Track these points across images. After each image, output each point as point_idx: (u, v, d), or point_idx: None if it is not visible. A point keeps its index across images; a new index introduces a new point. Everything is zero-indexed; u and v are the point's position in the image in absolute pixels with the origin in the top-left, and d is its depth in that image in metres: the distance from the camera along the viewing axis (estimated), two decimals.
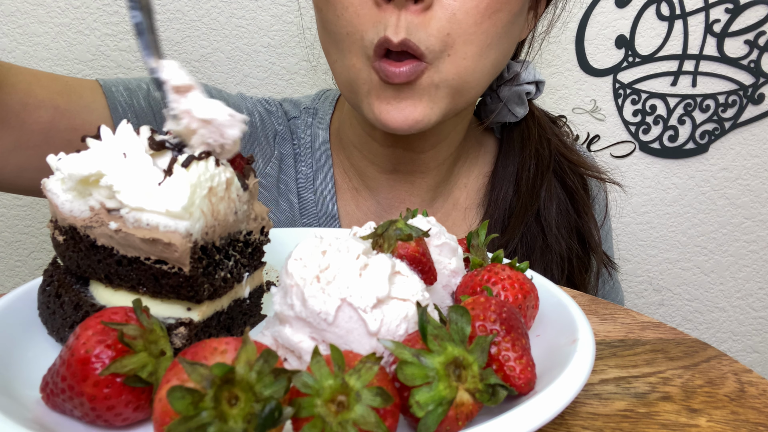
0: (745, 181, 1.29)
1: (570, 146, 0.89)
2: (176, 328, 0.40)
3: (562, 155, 0.86)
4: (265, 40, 1.10)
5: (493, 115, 0.85)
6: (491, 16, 0.65)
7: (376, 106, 0.68)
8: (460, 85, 0.67)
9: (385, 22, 0.63)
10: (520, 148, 0.86)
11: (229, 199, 0.41)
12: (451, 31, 0.64)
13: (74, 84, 0.71)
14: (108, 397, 0.32)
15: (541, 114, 0.90)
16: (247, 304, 0.48)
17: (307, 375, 0.30)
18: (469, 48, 0.65)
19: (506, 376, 0.35)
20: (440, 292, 0.46)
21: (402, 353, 0.32)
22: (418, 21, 0.63)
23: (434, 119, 0.68)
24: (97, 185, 0.39)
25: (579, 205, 0.85)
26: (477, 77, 0.68)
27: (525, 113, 0.85)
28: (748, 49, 1.20)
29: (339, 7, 0.66)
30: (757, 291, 1.37)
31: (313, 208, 0.85)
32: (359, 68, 0.67)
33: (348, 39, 0.67)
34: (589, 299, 0.57)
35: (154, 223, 0.37)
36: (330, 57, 0.72)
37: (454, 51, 0.65)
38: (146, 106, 0.75)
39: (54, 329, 0.43)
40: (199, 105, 0.40)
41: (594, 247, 0.85)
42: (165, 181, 0.38)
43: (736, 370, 0.45)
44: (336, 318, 0.35)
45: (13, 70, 0.65)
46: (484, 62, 0.68)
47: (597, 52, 1.19)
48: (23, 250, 1.14)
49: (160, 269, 0.39)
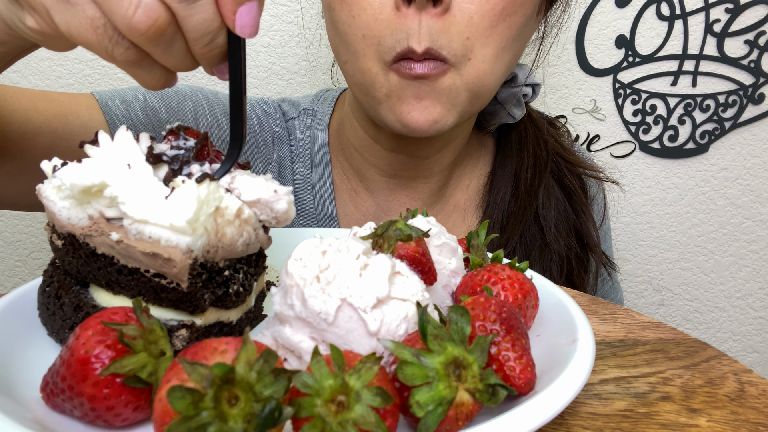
0: (745, 181, 1.29)
1: (567, 147, 0.89)
2: (178, 329, 0.40)
3: (560, 156, 0.86)
4: (265, 40, 1.10)
5: (494, 120, 0.85)
6: (506, 19, 0.65)
7: (398, 107, 0.67)
8: (478, 89, 0.68)
9: (406, 29, 0.63)
10: (518, 149, 0.86)
11: (242, 227, 0.41)
12: (470, 34, 0.64)
13: (70, 103, 0.70)
14: (108, 398, 0.32)
15: (538, 116, 0.90)
16: (253, 311, 0.48)
17: (307, 375, 0.30)
18: (487, 51, 0.66)
19: (506, 376, 0.35)
20: (440, 292, 0.46)
21: (402, 353, 0.32)
22: (439, 26, 0.63)
23: (451, 121, 0.68)
24: (99, 195, 0.38)
25: (577, 205, 0.85)
26: (493, 80, 0.69)
27: (522, 115, 0.85)
28: (748, 49, 1.20)
29: (356, 8, 0.65)
30: (757, 291, 1.37)
31: (312, 209, 0.84)
32: (375, 72, 0.67)
33: (363, 42, 0.66)
34: (589, 299, 0.57)
35: (156, 236, 0.37)
36: (340, 57, 0.72)
37: (474, 54, 0.65)
38: (143, 117, 0.75)
39: (54, 330, 0.43)
40: (246, 186, 0.41)
41: (592, 247, 0.85)
42: (172, 194, 0.37)
43: (736, 370, 0.45)
44: (336, 318, 0.35)
45: (8, 96, 0.64)
46: (500, 65, 0.68)
47: (597, 52, 1.19)
48: (23, 250, 1.14)
49: (159, 283, 0.39)
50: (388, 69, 0.66)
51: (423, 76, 0.64)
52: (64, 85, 1.05)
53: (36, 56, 1.04)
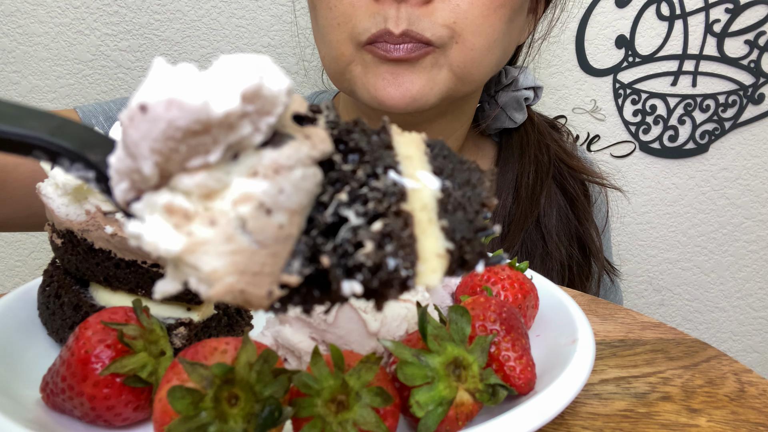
0: (745, 181, 1.29)
1: (570, 152, 0.88)
2: (176, 328, 0.40)
3: (562, 161, 0.85)
4: (265, 40, 1.10)
5: (489, 119, 0.84)
6: (496, 10, 0.64)
7: (372, 83, 0.65)
8: (463, 73, 0.66)
9: (384, 14, 0.62)
10: (519, 154, 0.84)
11: None
12: (457, 20, 0.63)
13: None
14: (108, 397, 0.32)
15: (540, 120, 0.88)
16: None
17: (307, 375, 0.30)
18: (478, 40, 0.64)
19: (506, 376, 0.35)
20: (440, 292, 0.46)
21: (402, 353, 0.32)
22: (420, 12, 0.62)
23: (432, 99, 0.66)
24: (92, 191, 0.38)
25: (580, 212, 0.84)
26: (481, 71, 0.68)
27: (524, 119, 0.84)
28: (748, 49, 1.20)
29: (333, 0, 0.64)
30: (757, 291, 1.37)
31: None
32: (348, 55, 0.65)
33: (338, 29, 0.64)
34: (589, 299, 0.57)
35: None
36: (321, 52, 0.71)
37: (462, 40, 0.64)
38: None
39: (54, 330, 0.43)
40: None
41: (595, 254, 0.84)
42: None
43: (736, 370, 0.45)
44: (336, 318, 0.35)
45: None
46: (490, 57, 0.67)
47: (597, 52, 1.19)
48: (23, 250, 1.14)
49: (157, 272, 0.39)
50: (362, 50, 0.64)
51: (400, 60, 0.62)
52: (64, 84, 1.05)
53: (36, 56, 1.04)
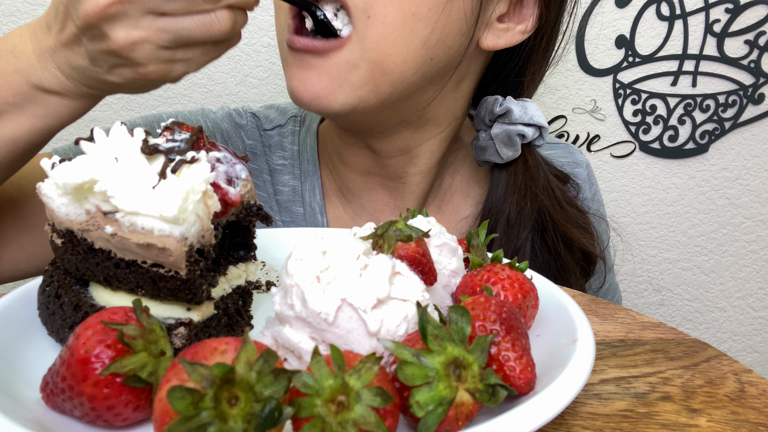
0: (745, 181, 1.29)
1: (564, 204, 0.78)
2: (176, 328, 0.40)
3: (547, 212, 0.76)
4: (265, 40, 1.10)
5: (483, 156, 0.77)
6: None
7: (287, 77, 0.66)
8: (381, 59, 0.62)
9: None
10: (504, 193, 0.77)
11: None
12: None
13: (23, 181, 0.65)
14: (108, 397, 0.32)
15: (538, 164, 0.77)
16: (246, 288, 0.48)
17: (307, 375, 0.30)
18: (390, 10, 0.60)
19: (506, 376, 0.35)
20: (440, 292, 0.46)
21: (402, 353, 0.32)
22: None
23: (342, 100, 0.63)
24: (92, 191, 0.39)
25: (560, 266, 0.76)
26: (401, 51, 0.62)
27: (513, 157, 0.75)
28: (748, 49, 1.20)
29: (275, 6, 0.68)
30: (757, 291, 1.37)
31: (302, 222, 0.81)
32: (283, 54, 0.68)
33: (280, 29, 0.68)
34: (589, 299, 0.57)
35: (149, 227, 0.37)
36: None
37: (375, 11, 0.60)
38: None
39: (54, 330, 0.43)
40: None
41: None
42: (159, 184, 0.38)
43: (736, 370, 0.45)
44: (336, 318, 0.35)
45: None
46: (409, 35, 0.62)
47: (597, 52, 1.19)
48: None
49: (157, 272, 0.39)
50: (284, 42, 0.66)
51: (307, 50, 0.63)
52: None
53: None
